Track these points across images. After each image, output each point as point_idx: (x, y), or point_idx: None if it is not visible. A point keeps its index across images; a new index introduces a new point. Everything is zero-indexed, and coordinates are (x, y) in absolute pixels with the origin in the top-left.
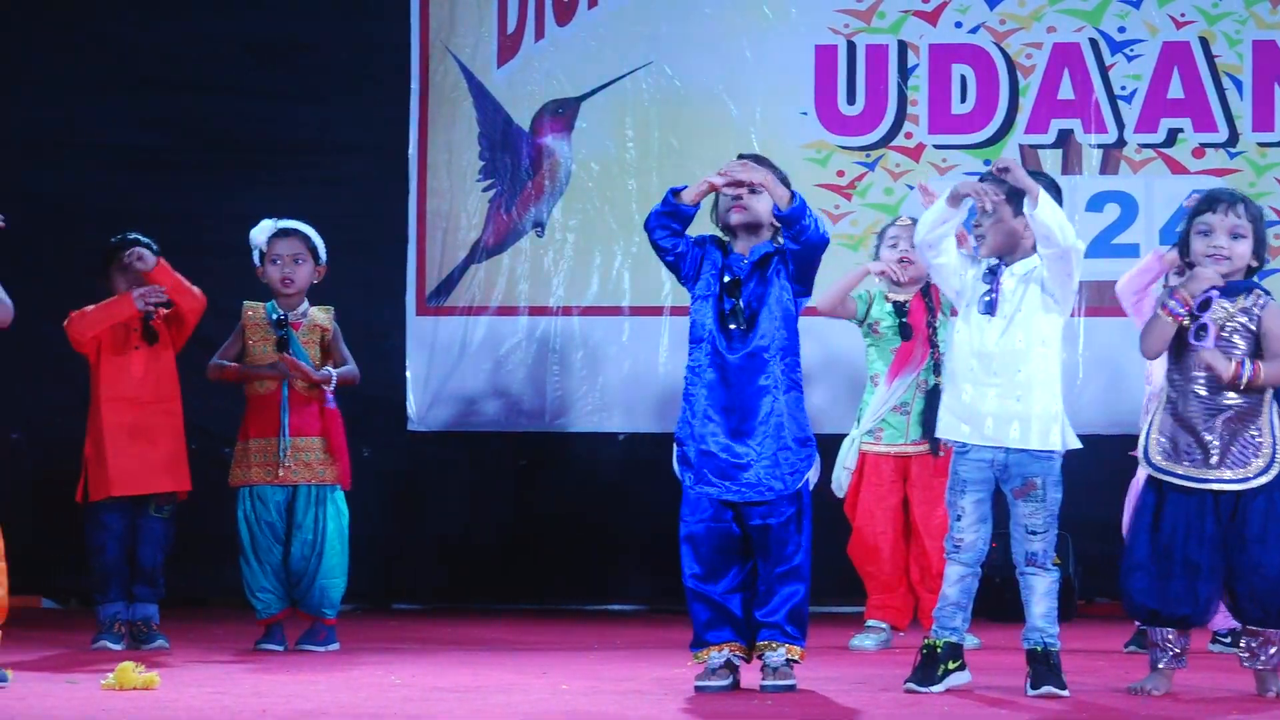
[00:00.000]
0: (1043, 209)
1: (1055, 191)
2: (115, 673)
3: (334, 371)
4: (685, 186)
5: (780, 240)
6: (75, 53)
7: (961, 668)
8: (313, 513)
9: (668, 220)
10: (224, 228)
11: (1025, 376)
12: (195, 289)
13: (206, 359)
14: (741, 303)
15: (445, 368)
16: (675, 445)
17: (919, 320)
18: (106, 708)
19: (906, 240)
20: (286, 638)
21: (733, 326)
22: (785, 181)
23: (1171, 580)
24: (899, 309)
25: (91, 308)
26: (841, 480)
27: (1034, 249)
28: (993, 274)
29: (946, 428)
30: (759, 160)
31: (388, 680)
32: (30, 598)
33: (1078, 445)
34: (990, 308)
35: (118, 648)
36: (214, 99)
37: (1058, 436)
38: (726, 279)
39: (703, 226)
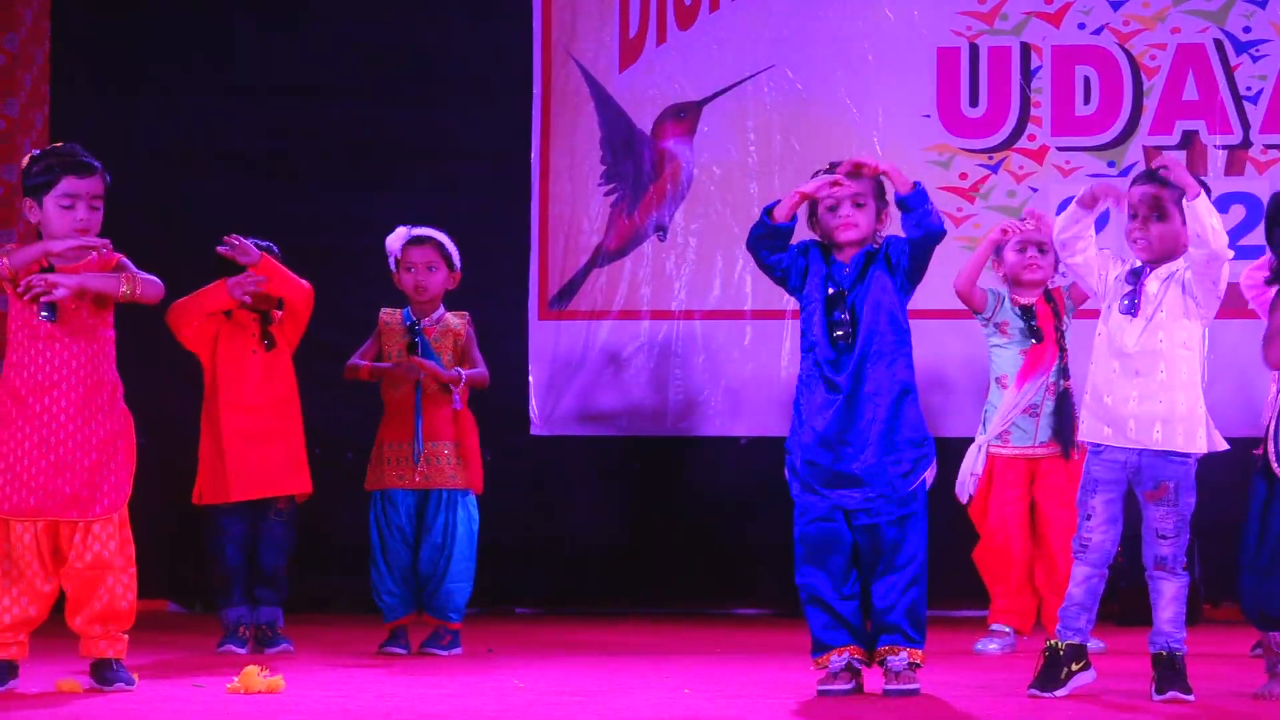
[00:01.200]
0: (1201, 206)
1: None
2: (240, 676)
3: (463, 372)
4: (777, 202)
5: (879, 240)
6: (198, 61)
7: (1086, 667)
8: (443, 517)
9: (767, 240)
10: (347, 234)
11: (1166, 377)
12: (301, 280)
13: (334, 368)
14: (847, 315)
15: (567, 372)
16: (786, 454)
17: (1047, 324)
18: (232, 711)
19: (1034, 245)
20: (410, 641)
21: (839, 334)
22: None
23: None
24: (1026, 312)
25: (188, 297)
26: (968, 485)
27: (1181, 252)
28: (1136, 275)
29: (1089, 430)
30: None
31: (511, 684)
32: (156, 602)
33: (1224, 447)
34: (1132, 308)
35: (243, 651)
36: (337, 105)
37: (1203, 439)
38: (831, 291)
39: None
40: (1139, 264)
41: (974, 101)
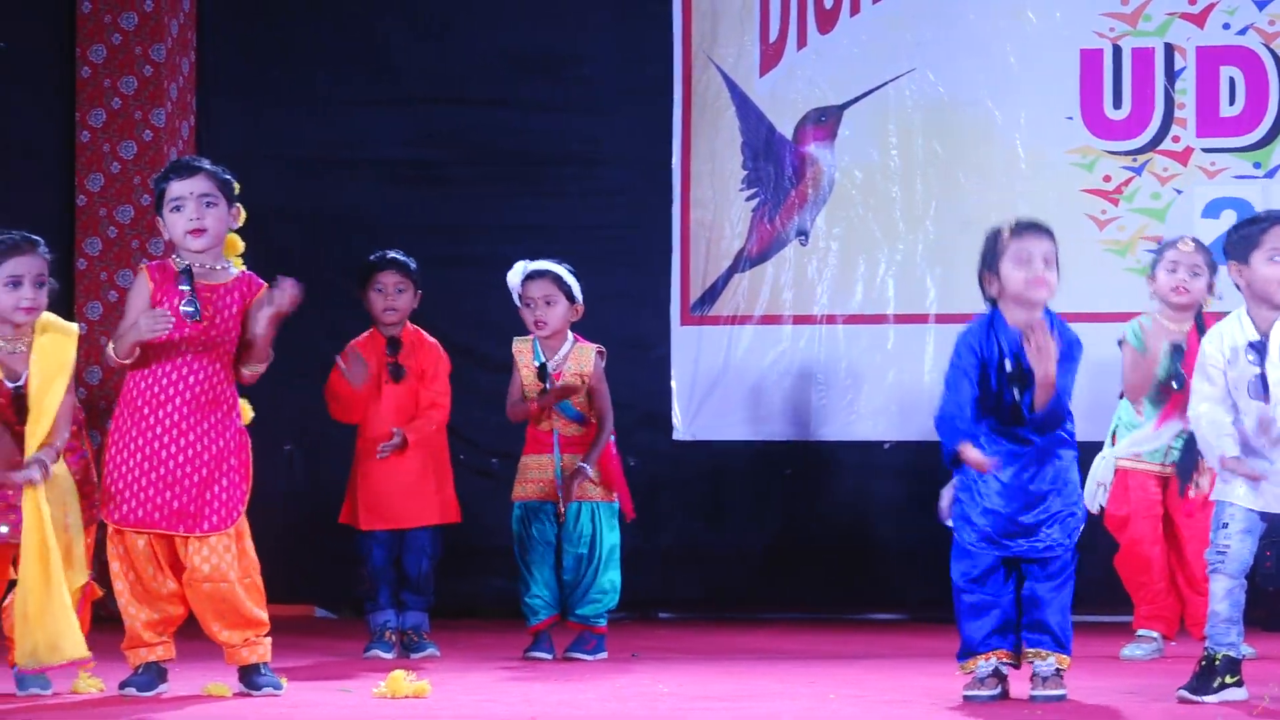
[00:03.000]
0: None
1: None
2: (387, 681)
3: (587, 467)
4: (959, 449)
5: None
6: (346, 69)
7: (1239, 684)
8: (586, 524)
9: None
10: (493, 241)
11: None
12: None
13: (480, 375)
14: (1020, 393)
15: (709, 377)
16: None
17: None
18: (378, 716)
19: (1186, 268)
20: (555, 646)
21: (1017, 401)
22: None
23: None
24: (1175, 353)
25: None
26: (1097, 496)
27: None
28: (1257, 352)
29: (1222, 491)
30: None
31: (655, 689)
32: (303, 607)
33: None
34: (1261, 392)
35: (389, 656)
36: (481, 112)
37: None
38: (1008, 368)
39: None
40: (1257, 338)
41: (1117, 103)
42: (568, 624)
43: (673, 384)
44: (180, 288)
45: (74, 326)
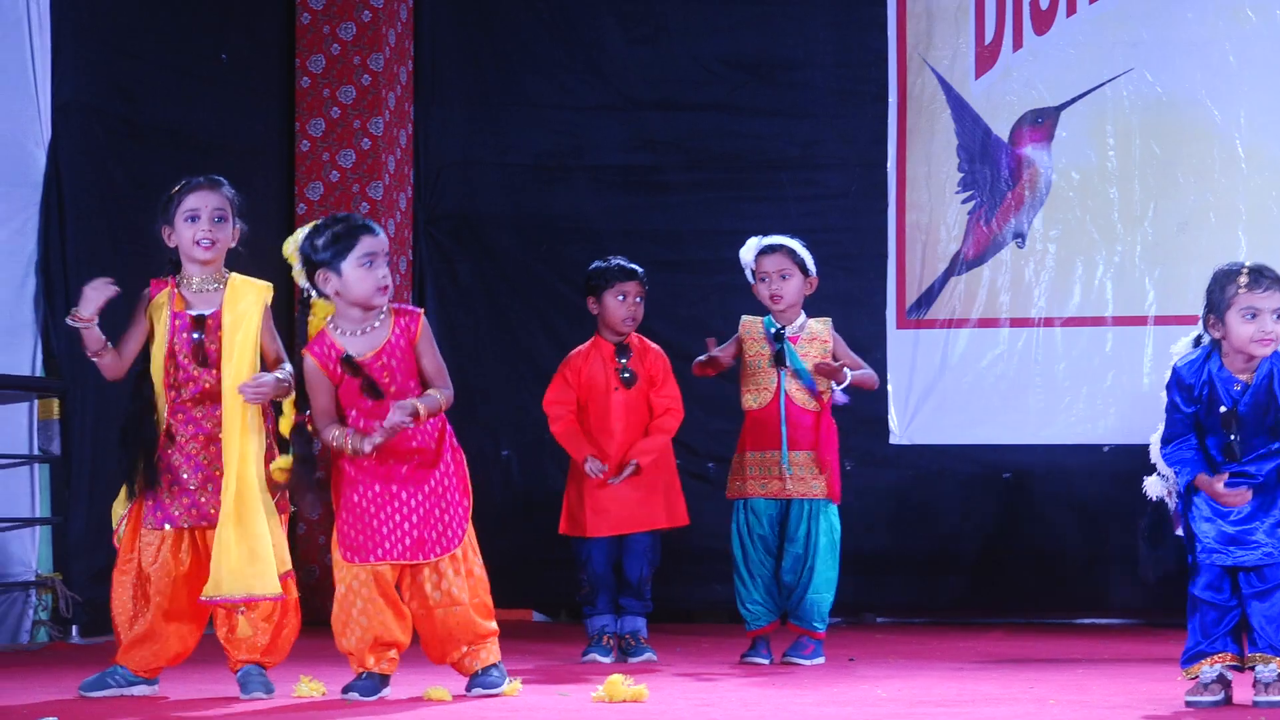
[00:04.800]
0: None
1: None
2: (605, 685)
3: (849, 372)
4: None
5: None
6: (564, 76)
7: None
8: (805, 526)
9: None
10: (711, 245)
11: None
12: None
13: (698, 382)
14: (1237, 437)
15: (926, 381)
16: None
17: None
18: None
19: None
20: (773, 650)
21: (1231, 441)
22: None
23: None
24: None
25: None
26: None
27: None
28: None
29: None
30: None
31: (873, 694)
32: (522, 611)
33: None
34: None
35: (607, 660)
36: (697, 117)
37: None
38: (1222, 410)
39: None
40: None
41: None
42: (788, 626)
43: (889, 387)
44: (352, 374)
45: (266, 283)
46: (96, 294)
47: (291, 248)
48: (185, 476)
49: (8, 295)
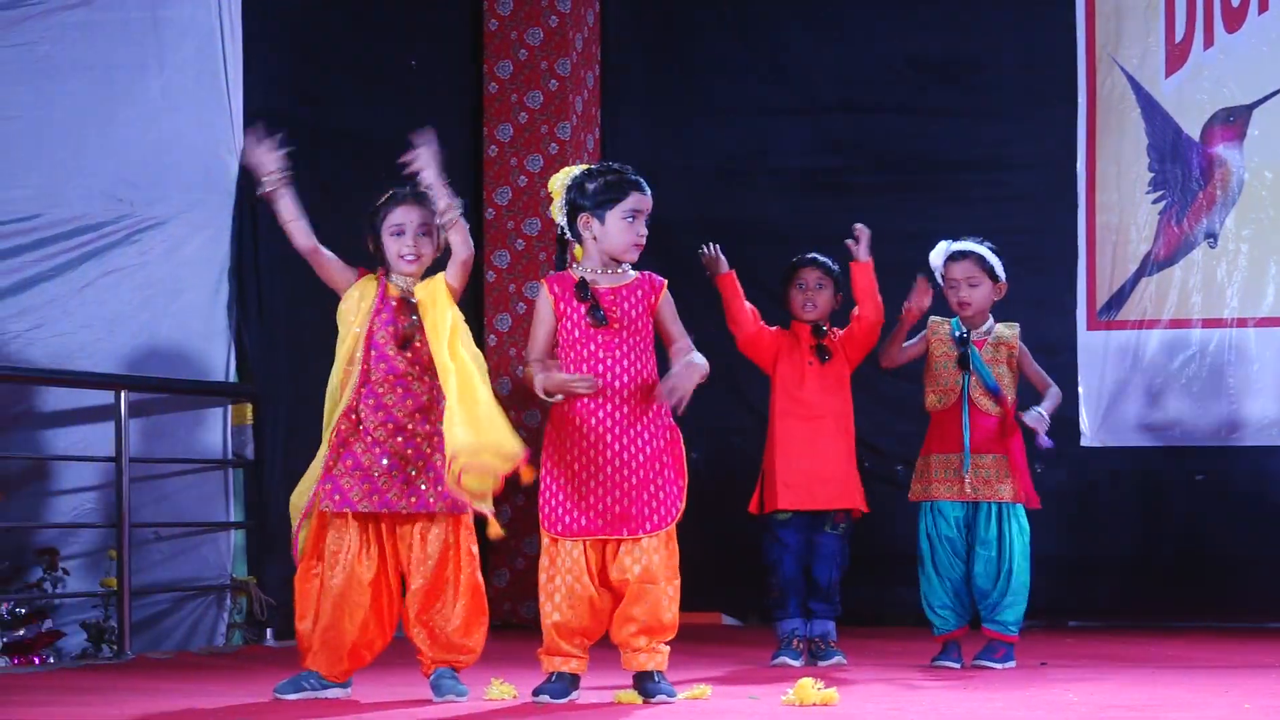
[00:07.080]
0: None
1: None
2: (795, 689)
3: (1042, 411)
4: None
5: None
6: (749, 79)
7: None
8: (995, 529)
9: None
10: (898, 247)
11: None
12: (878, 299)
13: (881, 381)
14: None
15: (1117, 382)
16: None
17: None
18: None
19: None
20: (963, 654)
21: None
22: None
23: None
24: None
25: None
26: None
27: None
28: None
29: None
30: None
31: (1064, 698)
32: (710, 614)
33: None
34: None
35: (797, 664)
36: (883, 119)
37: None
38: None
39: None
40: None
41: None
42: (981, 630)
43: (1080, 389)
44: (582, 299)
45: (439, 275)
46: (266, 152)
47: (559, 184)
48: (367, 463)
49: (202, 301)
